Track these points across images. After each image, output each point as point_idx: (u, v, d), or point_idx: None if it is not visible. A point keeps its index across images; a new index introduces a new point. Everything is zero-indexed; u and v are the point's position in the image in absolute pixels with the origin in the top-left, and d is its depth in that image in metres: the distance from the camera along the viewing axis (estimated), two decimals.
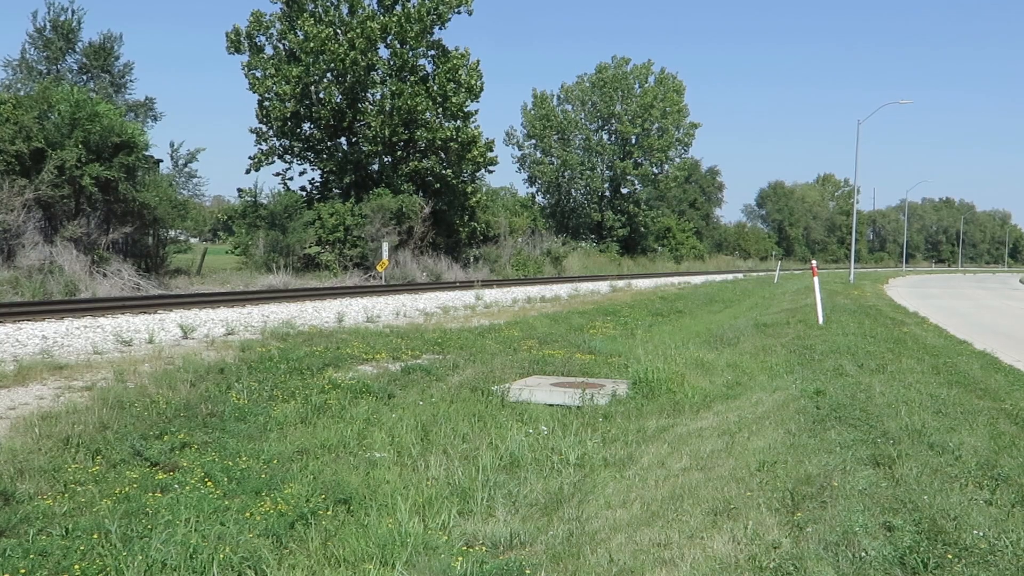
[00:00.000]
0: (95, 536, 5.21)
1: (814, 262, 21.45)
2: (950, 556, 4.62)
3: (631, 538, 5.35)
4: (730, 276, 60.17)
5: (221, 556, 5.01)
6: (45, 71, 29.11)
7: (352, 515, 6.17)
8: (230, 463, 7.01)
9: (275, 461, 7.20)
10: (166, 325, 15.70)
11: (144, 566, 4.77)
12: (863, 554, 4.62)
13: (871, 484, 5.91)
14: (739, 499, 5.80)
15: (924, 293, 41.91)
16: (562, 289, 33.44)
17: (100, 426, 7.70)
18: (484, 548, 5.55)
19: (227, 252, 38.56)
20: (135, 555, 4.87)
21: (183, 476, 6.61)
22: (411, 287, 30.72)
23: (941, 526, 5.01)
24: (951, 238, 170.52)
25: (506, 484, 6.92)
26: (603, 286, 36.68)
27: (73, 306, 17.32)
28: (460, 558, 5.27)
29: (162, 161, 31.92)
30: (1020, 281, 67.13)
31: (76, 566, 4.77)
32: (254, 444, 7.73)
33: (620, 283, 39.05)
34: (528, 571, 4.98)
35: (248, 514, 5.85)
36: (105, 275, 23.42)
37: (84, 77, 30.44)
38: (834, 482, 5.91)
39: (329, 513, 6.08)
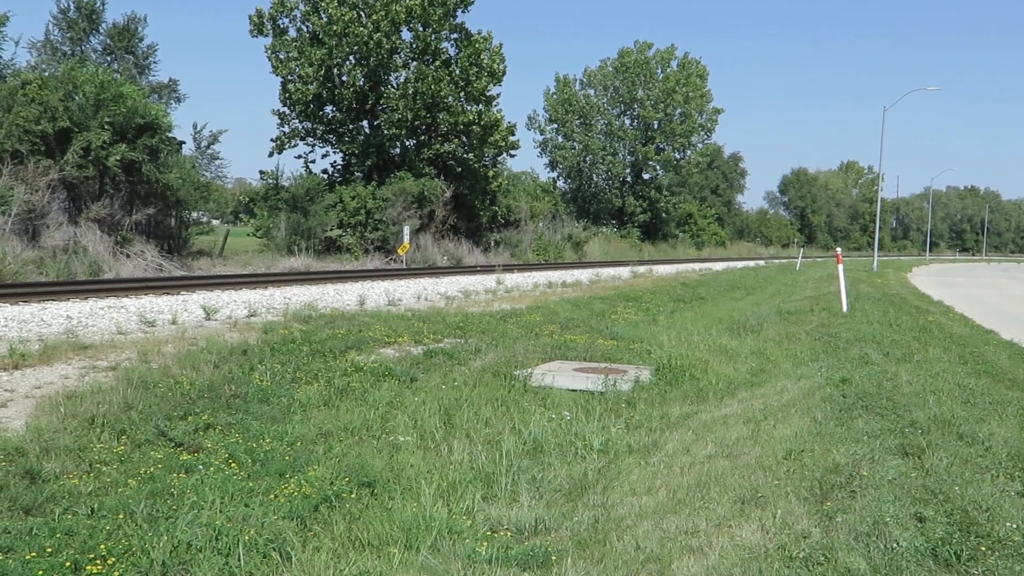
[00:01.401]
0: (120, 516, 5.21)
1: (839, 249, 21.26)
2: (983, 548, 4.54)
3: (658, 525, 5.30)
4: (751, 263, 59.88)
5: (246, 538, 5.00)
6: (69, 52, 29.20)
7: (376, 498, 6.16)
8: (254, 445, 7.01)
9: (299, 443, 7.19)
10: (189, 306, 15.76)
11: (170, 547, 4.76)
12: (895, 545, 4.56)
13: (900, 474, 5.84)
14: (766, 487, 5.74)
15: (948, 282, 41.53)
16: (583, 274, 33.35)
17: (125, 406, 7.72)
18: (509, 533, 5.52)
19: (249, 234, 38.74)
20: (160, 536, 4.86)
21: (207, 457, 6.61)
22: (432, 271, 30.74)
23: (973, 518, 4.94)
24: (975, 227, 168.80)
25: (530, 469, 6.89)
26: (624, 272, 36.57)
27: (97, 286, 17.42)
28: (485, 543, 5.25)
29: (184, 143, 32.11)
30: None
31: (102, 546, 4.77)
32: (277, 426, 7.72)
33: (641, 269, 38.89)
34: (554, 557, 4.95)
35: (272, 496, 5.85)
36: (128, 256, 23.54)
37: (108, 58, 30.54)
38: (863, 471, 5.84)
39: (353, 496, 6.06)
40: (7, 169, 21.64)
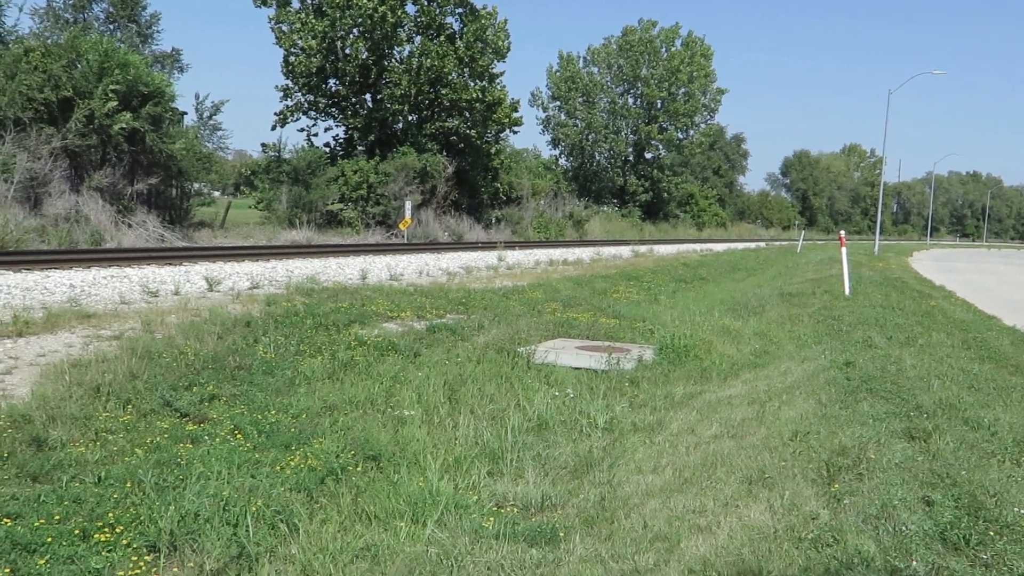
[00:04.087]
0: (128, 485, 5.20)
1: (842, 232, 21.21)
2: (992, 533, 4.54)
3: (665, 504, 5.30)
4: (752, 244, 59.84)
5: (254, 508, 5.00)
6: (72, 20, 29.00)
7: (382, 472, 6.16)
8: (259, 416, 7.00)
9: (304, 416, 7.19)
10: (191, 277, 15.73)
11: (178, 516, 4.76)
12: (903, 528, 4.56)
13: (907, 458, 5.83)
14: (773, 468, 5.74)
15: (950, 267, 41.52)
16: (584, 253, 33.31)
17: (130, 375, 7.71)
18: (515, 509, 5.53)
19: (250, 207, 38.61)
20: (168, 505, 4.86)
21: (213, 428, 6.60)
22: (433, 246, 30.69)
23: (981, 502, 4.94)
24: (976, 212, 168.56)
25: (534, 446, 6.89)
26: (625, 251, 36.53)
27: (100, 255, 17.38)
28: (491, 518, 5.25)
29: (187, 113, 31.93)
30: None
31: (110, 514, 4.77)
32: (282, 398, 7.71)
33: (642, 248, 38.85)
34: (562, 534, 4.95)
35: (279, 468, 5.84)
36: (130, 226, 23.48)
37: (111, 27, 30.30)
38: (870, 454, 5.84)
39: (359, 469, 6.06)
40: (9, 137, 21.53)
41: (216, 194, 53.23)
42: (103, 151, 24.49)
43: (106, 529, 4.62)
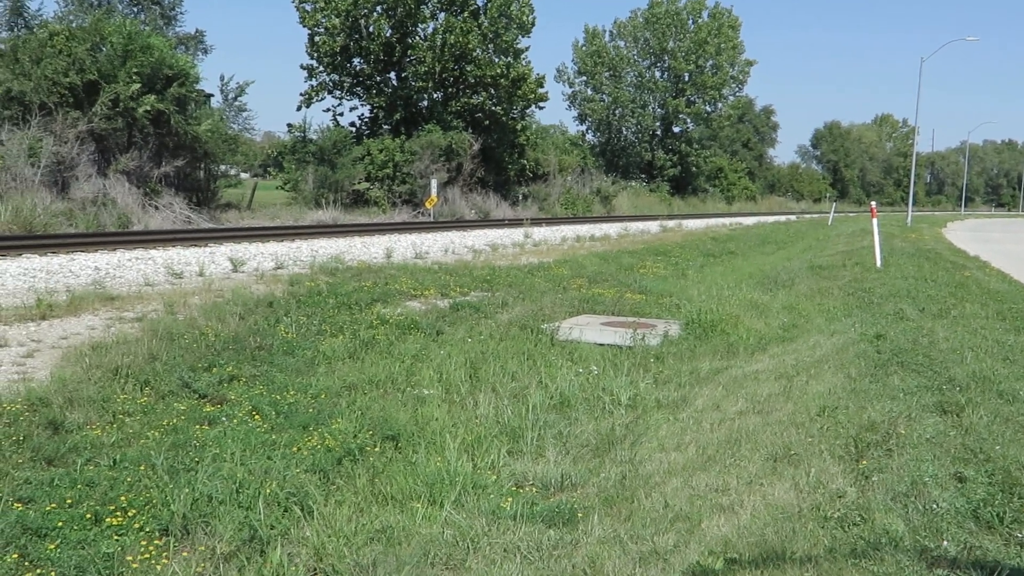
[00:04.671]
0: (141, 468, 5.15)
1: (873, 203, 20.86)
2: None
3: (687, 483, 5.17)
4: (782, 218, 59.24)
5: (267, 491, 4.93)
6: (96, 3, 29.08)
7: (400, 452, 6.07)
8: (278, 397, 6.93)
9: (323, 396, 7.11)
10: (216, 258, 15.74)
11: (191, 500, 4.69)
12: (934, 506, 4.40)
13: (939, 432, 5.66)
14: (799, 445, 5.59)
15: (984, 237, 40.80)
16: (611, 228, 33.08)
17: (149, 357, 7.67)
18: (534, 489, 5.42)
19: (277, 188, 38.67)
20: (181, 488, 4.80)
21: (231, 409, 6.55)
22: (459, 224, 30.60)
23: (1016, 478, 4.76)
24: (1012, 182, 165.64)
25: (556, 424, 6.77)
26: (653, 226, 36.24)
27: (125, 238, 17.45)
28: (510, 499, 5.14)
29: (213, 96, 31.96)
30: None
31: (123, 497, 4.72)
32: (302, 378, 7.65)
33: (670, 223, 38.52)
34: (580, 514, 4.83)
35: (295, 449, 5.77)
36: (157, 208, 23.57)
37: (135, 9, 30.35)
38: (899, 429, 5.67)
39: (377, 450, 5.98)
40: (35, 121, 21.63)
41: (244, 176, 53.41)
42: (129, 134, 24.55)
43: (118, 513, 4.57)
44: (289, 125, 38.48)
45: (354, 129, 40.54)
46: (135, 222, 21.76)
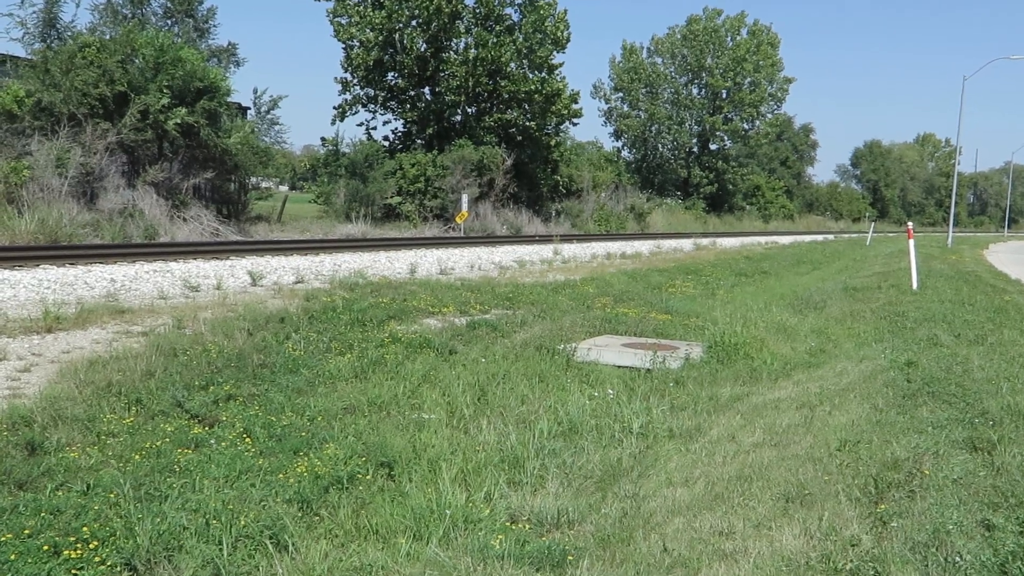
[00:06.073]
0: (112, 495, 4.89)
1: (910, 224, 20.29)
2: None
3: (690, 524, 4.80)
4: (820, 237, 58.39)
5: (241, 523, 4.64)
6: (130, 15, 29.28)
7: (393, 481, 5.77)
8: (272, 419, 6.66)
9: (320, 418, 6.83)
10: (236, 272, 15.58)
11: (157, 532, 4.41)
12: (957, 558, 4.00)
13: (967, 472, 5.25)
14: (815, 483, 5.20)
15: None
16: (644, 246, 32.65)
17: (146, 374, 7.45)
18: (528, 526, 5.07)
19: (309, 201, 38.73)
20: (149, 518, 4.52)
21: (221, 431, 6.27)
22: (489, 239, 30.35)
23: None
24: None
25: (561, 453, 6.42)
26: (686, 244, 35.78)
27: (146, 250, 17.37)
28: (501, 536, 4.81)
29: (249, 109, 32.02)
30: None
31: (86, 528, 4.44)
32: (302, 399, 7.37)
33: (704, 241, 38.03)
34: (571, 557, 4.49)
35: (282, 475, 5.48)
36: (185, 220, 23.54)
37: (168, 21, 30.53)
38: (925, 468, 5.27)
39: (368, 478, 5.68)
40: (64, 132, 21.69)
41: (283, 188, 53.64)
42: (159, 146, 24.60)
43: (79, 545, 4.29)
44: (323, 139, 38.62)
45: (387, 143, 40.54)
46: (162, 234, 21.72)
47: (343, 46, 38.71)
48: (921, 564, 3.98)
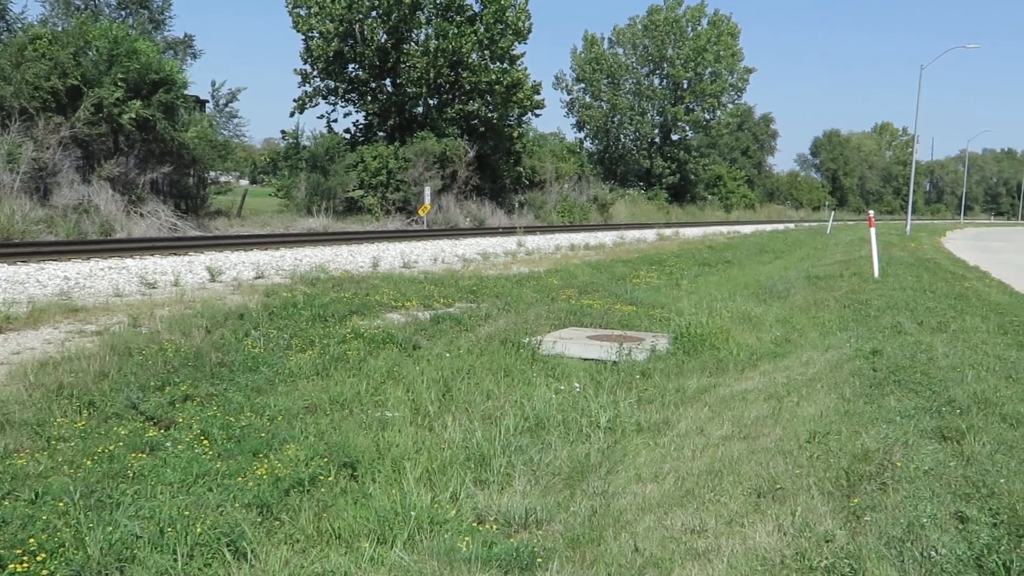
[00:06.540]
0: (62, 503, 4.69)
1: (871, 212, 20.43)
2: None
3: (661, 522, 4.70)
4: (781, 226, 58.80)
5: (198, 530, 4.46)
6: (82, 6, 28.63)
7: (357, 481, 5.62)
8: (231, 419, 6.46)
9: (280, 418, 6.64)
10: (194, 267, 15.28)
11: (108, 541, 4.23)
12: (932, 553, 3.94)
13: (938, 463, 5.21)
14: (786, 477, 5.13)
15: (984, 246, 40.36)
16: (607, 237, 32.63)
17: (99, 375, 7.21)
18: (495, 526, 4.95)
19: (270, 195, 38.25)
20: (100, 528, 4.33)
21: (177, 433, 6.08)
22: (452, 232, 30.15)
23: (1023, 519, 4.30)
24: (1012, 190, 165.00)
25: (528, 449, 6.30)
26: (650, 234, 35.81)
27: (101, 246, 16.98)
28: (467, 537, 4.68)
29: (207, 102, 31.47)
30: None
31: (33, 539, 4.25)
32: (262, 398, 7.18)
33: (667, 231, 38.10)
34: (540, 560, 4.36)
35: (240, 479, 5.31)
36: (142, 215, 23.09)
37: (122, 13, 29.90)
38: (895, 460, 5.22)
39: (330, 479, 5.52)
40: (15, 126, 21.14)
41: (243, 182, 52.86)
42: (114, 140, 24.08)
43: (26, 557, 4.10)
44: (283, 132, 38.13)
45: (348, 135, 40.10)
46: (118, 230, 21.28)
47: (303, 37, 38.19)
48: (897, 560, 3.91)
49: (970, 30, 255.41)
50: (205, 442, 5.95)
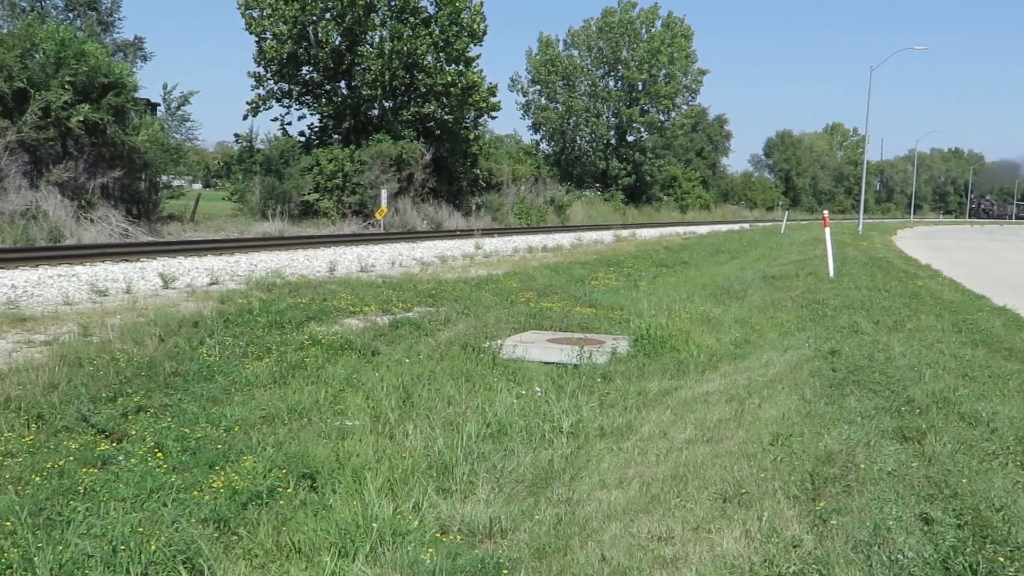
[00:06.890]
0: (8, 523, 4.52)
1: (825, 212, 20.64)
2: (1001, 559, 3.92)
3: (627, 529, 4.65)
4: (736, 226, 59.30)
5: (152, 548, 4.33)
6: (28, 8, 28.04)
7: (317, 493, 5.51)
8: (186, 431, 6.31)
9: (237, 428, 6.50)
10: (146, 274, 14.98)
11: (58, 563, 4.08)
12: (899, 556, 3.92)
13: (900, 464, 5.22)
14: (751, 481, 5.11)
15: (935, 245, 41.05)
16: (565, 238, 32.64)
17: (48, 387, 7.01)
18: (460, 537, 4.87)
19: (224, 199, 37.76)
20: (50, 548, 4.18)
21: (131, 446, 5.91)
22: (410, 235, 29.98)
23: (987, 519, 4.32)
24: (959, 189, 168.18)
25: (491, 456, 6.23)
26: (607, 235, 35.88)
27: (50, 253, 16.60)
28: (431, 549, 4.59)
29: (159, 105, 30.99)
30: None
31: None
32: (217, 408, 7.02)
33: (624, 233, 38.21)
34: (505, 571, 4.29)
35: (196, 492, 5.17)
36: (92, 221, 22.65)
37: (70, 15, 29.34)
38: (859, 462, 5.22)
39: (290, 491, 5.40)
40: None
41: (197, 187, 52.20)
42: (62, 144, 23.61)
43: None
44: (237, 135, 37.68)
45: (303, 139, 39.72)
46: (68, 236, 20.85)
47: (256, 40, 37.76)
48: (865, 564, 3.89)
49: (919, 31, 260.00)
50: (159, 455, 5.80)
